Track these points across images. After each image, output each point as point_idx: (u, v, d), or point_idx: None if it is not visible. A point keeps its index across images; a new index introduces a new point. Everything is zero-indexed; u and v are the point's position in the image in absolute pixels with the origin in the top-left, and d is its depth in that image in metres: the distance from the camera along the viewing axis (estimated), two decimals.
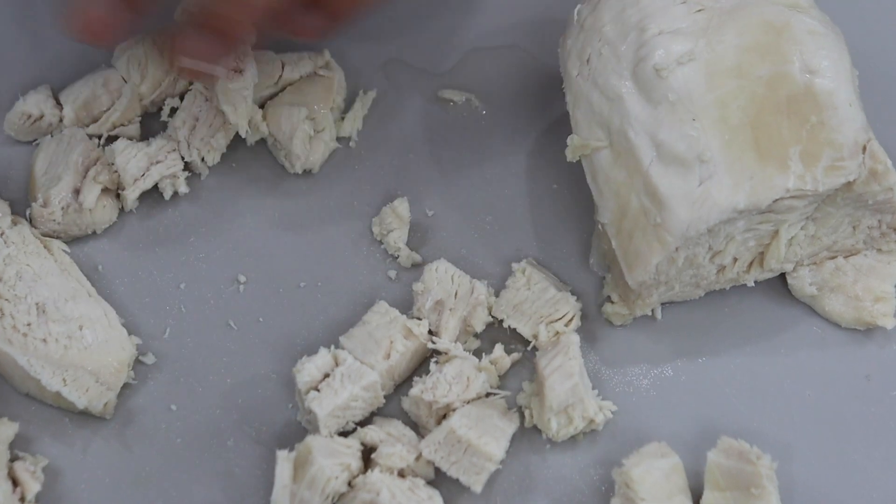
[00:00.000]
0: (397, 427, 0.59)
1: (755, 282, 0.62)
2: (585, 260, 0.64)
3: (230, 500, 0.59)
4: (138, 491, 0.59)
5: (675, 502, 0.56)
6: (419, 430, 0.59)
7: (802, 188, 0.56)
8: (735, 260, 0.60)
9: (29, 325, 0.59)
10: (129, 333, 0.62)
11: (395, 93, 0.70)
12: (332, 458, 0.56)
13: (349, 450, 0.57)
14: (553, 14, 0.68)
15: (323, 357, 0.59)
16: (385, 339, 0.60)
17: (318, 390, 0.58)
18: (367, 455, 0.58)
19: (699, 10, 0.59)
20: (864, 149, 0.57)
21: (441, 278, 0.61)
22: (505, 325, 0.62)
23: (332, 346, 0.60)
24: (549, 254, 0.64)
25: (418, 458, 0.57)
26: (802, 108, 0.56)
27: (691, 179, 0.56)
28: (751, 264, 0.61)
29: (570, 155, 0.61)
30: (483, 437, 0.57)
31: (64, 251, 0.63)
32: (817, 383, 0.61)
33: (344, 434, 0.59)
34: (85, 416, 0.60)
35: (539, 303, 0.62)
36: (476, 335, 0.62)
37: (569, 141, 0.61)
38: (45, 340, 0.59)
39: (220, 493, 0.59)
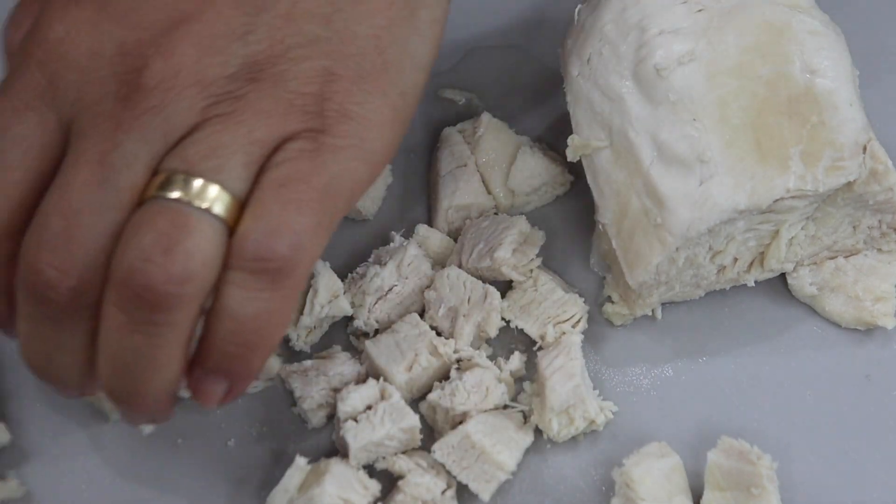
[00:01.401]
0: (426, 458, 0.58)
1: (755, 282, 0.62)
2: (585, 260, 0.64)
3: (230, 500, 0.59)
4: (139, 491, 0.59)
5: (675, 502, 0.56)
6: (434, 434, 0.59)
7: (803, 188, 0.56)
8: (735, 260, 0.60)
9: None
10: None
11: None
12: (339, 490, 0.55)
13: (364, 491, 0.56)
14: (553, 14, 0.68)
15: (370, 388, 0.58)
16: (410, 351, 0.59)
17: (357, 420, 0.57)
18: (394, 482, 0.58)
19: (700, 10, 0.59)
20: (865, 149, 0.57)
21: (453, 284, 0.61)
22: (512, 325, 0.61)
23: (381, 379, 0.59)
24: (549, 254, 0.64)
25: (444, 492, 0.57)
26: (803, 108, 0.56)
27: (692, 180, 0.56)
28: (751, 264, 0.61)
29: (571, 155, 0.61)
30: (497, 446, 0.56)
31: None
32: (817, 383, 0.61)
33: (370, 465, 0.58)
34: (86, 416, 0.60)
35: (546, 304, 0.61)
36: (487, 341, 0.61)
37: (569, 141, 0.61)
38: None
39: (220, 492, 0.59)
